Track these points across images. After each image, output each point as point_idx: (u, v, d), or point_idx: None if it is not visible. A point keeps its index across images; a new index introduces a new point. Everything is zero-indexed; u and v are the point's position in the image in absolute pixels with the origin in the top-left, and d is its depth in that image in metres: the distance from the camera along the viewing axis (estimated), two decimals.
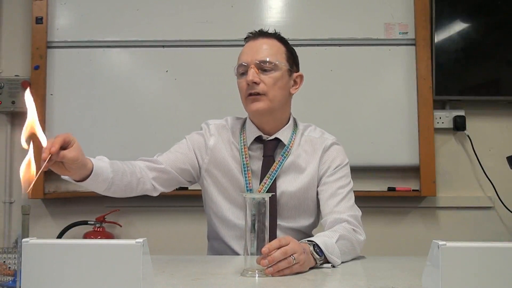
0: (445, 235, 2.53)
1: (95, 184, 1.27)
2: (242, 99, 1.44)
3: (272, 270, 1.04)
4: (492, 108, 2.60)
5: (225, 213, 1.45)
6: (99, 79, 2.55)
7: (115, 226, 2.55)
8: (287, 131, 1.47)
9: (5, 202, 2.62)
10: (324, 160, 1.46)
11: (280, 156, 1.43)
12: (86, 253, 0.79)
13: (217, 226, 1.48)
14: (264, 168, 1.43)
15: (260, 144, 1.46)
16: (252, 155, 1.45)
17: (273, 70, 1.39)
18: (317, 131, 1.53)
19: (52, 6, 2.57)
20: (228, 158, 1.45)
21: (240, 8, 2.55)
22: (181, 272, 1.13)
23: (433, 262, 0.80)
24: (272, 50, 1.42)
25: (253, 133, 1.46)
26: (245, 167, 1.43)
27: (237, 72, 1.44)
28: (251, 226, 1.07)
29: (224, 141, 1.48)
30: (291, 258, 1.06)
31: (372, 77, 2.53)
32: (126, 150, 2.50)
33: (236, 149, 1.46)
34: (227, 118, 1.55)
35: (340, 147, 1.51)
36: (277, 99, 1.41)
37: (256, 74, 1.37)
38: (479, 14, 2.56)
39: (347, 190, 1.43)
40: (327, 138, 1.50)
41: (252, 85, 1.37)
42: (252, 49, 1.41)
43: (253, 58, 1.39)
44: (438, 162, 2.54)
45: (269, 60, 1.39)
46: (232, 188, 1.45)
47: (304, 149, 1.47)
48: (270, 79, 1.39)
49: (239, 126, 1.51)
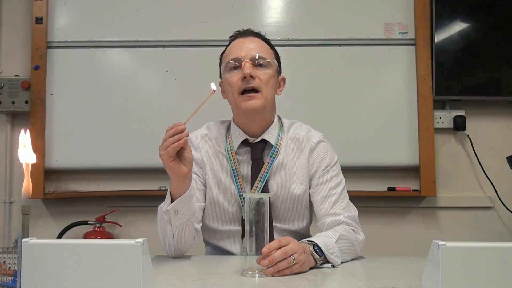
0: (445, 235, 2.53)
1: (187, 206, 1.24)
2: (232, 96, 1.38)
3: (272, 270, 1.04)
4: (492, 108, 2.60)
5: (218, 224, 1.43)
6: (99, 79, 2.55)
7: (115, 226, 2.55)
8: (273, 131, 1.44)
9: (5, 202, 2.62)
10: (313, 160, 1.43)
11: (269, 158, 1.41)
12: (86, 253, 0.79)
13: (211, 236, 1.47)
14: (254, 171, 1.41)
15: (247, 147, 1.43)
16: (240, 160, 1.42)
17: (266, 67, 1.38)
18: (302, 128, 1.49)
19: (52, 6, 2.57)
20: (216, 167, 1.43)
21: (240, 8, 2.55)
22: (181, 272, 1.13)
23: (433, 262, 0.80)
24: (263, 48, 1.41)
25: (239, 136, 1.43)
26: (234, 172, 1.41)
27: (226, 67, 1.39)
28: (251, 226, 1.07)
29: (209, 152, 1.45)
30: (291, 258, 1.05)
31: (372, 77, 2.53)
32: (126, 150, 2.50)
33: (223, 157, 1.44)
34: (209, 124, 1.52)
35: (327, 144, 1.46)
36: (269, 97, 1.39)
37: (252, 68, 1.35)
38: (479, 14, 2.56)
39: (340, 189, 1.41)
40: (313, 136, 1.46)
41: (248, 79, 1.34)
42: (244, 45, 1.39)
43: (247, 53, 1.37)
44: (438, 162, 2.54)
45: (263, 56, 1.38)
46: (223, 200, 1.42)
47: (290, 147, 1.44)
48: (265, 75, 1.36)
49: (224, 131, 1.48)
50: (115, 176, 2.57)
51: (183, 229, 1.26)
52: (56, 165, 2.53)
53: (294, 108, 2.50)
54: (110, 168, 2.55)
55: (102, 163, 2.53)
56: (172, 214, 1.22)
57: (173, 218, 1.23)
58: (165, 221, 1.25)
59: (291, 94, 2.51)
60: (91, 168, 2.55)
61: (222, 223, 1.43)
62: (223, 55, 1.46)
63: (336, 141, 1.55)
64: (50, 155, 2.52)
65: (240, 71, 1.36)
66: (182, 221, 1.24)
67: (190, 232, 1.29)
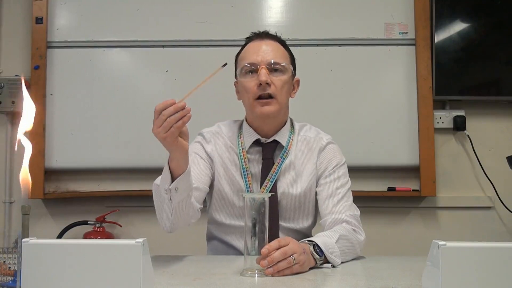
0: (445, 235, 2.53)
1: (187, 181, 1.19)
2: (248, 100, 1.41)
3: (272, 271, 1.04)
4: (492, 108, 2.60)
5: (224, 217, 1.45)
6: (99, 79, 2.55)
7: (115, 226, 2.55)
8: (285, 133, 1.47)
9: (5, 202, 2.62)
10: (321, 160, 1.46)
11: (279, 158, 1.43)
12: (86, 253, 0.79)
13: (216, 229, 1.48)
14: (264, 170, 1.43)
15: (259, 147, 1.45)
16: (251, 159, 1.45)
17: (282, 72, 1.40)
18: (312, 131, 1.53)
19: (52, 6, 2.57)
20: (227, 162, 1.45)
21: (240, 8, 2.55)
22: (181, 272, 1.13)
23: (433, 262, 0.80)
24: (279, 52, 1.42)
25: (251, 136, 1.45)
26: (244, 171, 1.43)
27: (242, 71, 1.41)
28: (251, 226, 1.07)
29: (221, 146, 1.47)
30: (291, 258, 1.06)
31: (372, 77, 2.53)
32: (126, 150, 2.50)
33: (234, 153, 1.46)
34: (219, 124, 1.54)
35: (335, 146, 1.50)
36: (284, 102, 1.43)
37: (268, 75, 1.36)
38: (479, 14, 2.56)
39: (345, 189, 1.43)
40: (322, 138, 1.50)
41: (264, 86, 1.36)
42: (260, 49, 1.40)
43: (263, 58, 1.38)
44: (438, 162, 2.54)
45: (279, 62, 1.39)
46: (232, 193, 1.44)
47: (300, 149, 1.47)
48: (280, 81, 1.39)
49: (236, 130, 1.50)
50: (115, 176, 2.57)
51: (182, 205, 1.23)
52: (56, 165, 2.53)
53: (294, 108, 2.49)
54: (110, 168, 2.55)
55: (102, 163, 2.53)
56: (173, 192, 1.18)
57: (173, 196, 1.18)
58: (163, 199, 1.21)
59: None
60: (91, 168, 2.55)
61: (229, 217, 1.45)
62: (239, 56, 1.47)
63: (336, 141, 1.56)
64: (50, 155, 2.52)
65: (256, 77, 1.37)
66: (182, 197, 1.20)
67: (188, 208, 1.25)
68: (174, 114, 1.09)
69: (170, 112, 1.09)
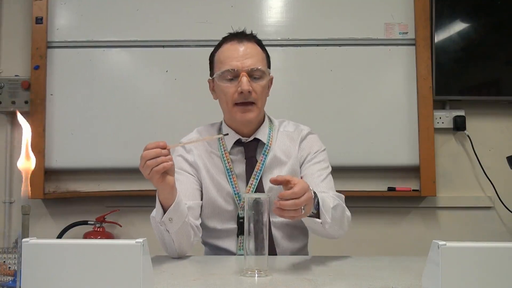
0: (445, 235, 2.53)
1: (179, 211, 1.24)
2: (227, 105, 1.42)
3: (279, 212, 1.07)
4: (492, 108, 2.60)
5: (217, 222, 1.45)
6: (99, 79, 2.55)
7: (115, 226, 2.55)
8: (264, 130, 1.49)
9: (5, 202, 2.62)
10: (302, 148, 1.50)
11: (262, 155, 1.45)
12: (86, 253, 0.79)
13: (209, 235, 1.48)
14: (248, 169, 1.44)
15: (240, 147, 1.47)
16: (234, 159, 1.46)
17: (261, 78, 1.41)
18: (291, 125, 1.56)
19: (52, 6, 2.57)
20: (210, 168, 1.46)
21: (240, 8, 2.55)
22: (181, 272, 1.13)
23: (433, 262, 0.80)
24: (258, 56, 1.42)
25: (232, 137, 1.47)
26: (229, 172, 1.43)
27: (222, 76, 1.40)
28: (250, 226, 1.07)
29: (202, 153, 1.48)
30: (300, 209, 1.08)
31: (372, 77, 2.53)
32: (126, 150, 2.50)
33: (216, 157, 1.46)
34: (198, 129, 1.55)
35: (315, 136, 1.55)
36: (263, 106, 1.46)
37: (249, 81, 1.37)
38: (479, 14, 2.56)
39: (327, 172, 1.47)
40: (302, 129, 1.53)
41: (246, 95, 1.37)
42: (239, 53, 1.39)
43: (243, 64, 1.38)
44: (438, 162, 2.54)
45: (259, 68, 1.39)
46: (220, 199, 1.44)
47: (282, 142, 1.49)
48: (260, 87, 1.40)
49: (215, 133, 1.52)
50: (115, 176, 2.57)
51: (181, 232, 1.28)
52: (56, 165, 2.53)
53: (294, 108, 2.51)
54: (110, 168, 2.55)
55: (102, 163, 2.53)
56: (167, 223, 1.24)
57: (169, 226, 1.24)
58: (162, 230, 1.26)
59: (291, 94, 2.52)
60: (91, 168, 2.55)
61: (221, 222, 1.45)
62: (216, 56, 1.46)
63: (336, 141, 1.56)
64: (50, 155, 2.52)
65: (237, 83, 1.38)
66: (178, 226, 1.25)
67: (188, 233, 1.30)
68: (155, 158, 1.13)
69: (151, 156, 1.14)
